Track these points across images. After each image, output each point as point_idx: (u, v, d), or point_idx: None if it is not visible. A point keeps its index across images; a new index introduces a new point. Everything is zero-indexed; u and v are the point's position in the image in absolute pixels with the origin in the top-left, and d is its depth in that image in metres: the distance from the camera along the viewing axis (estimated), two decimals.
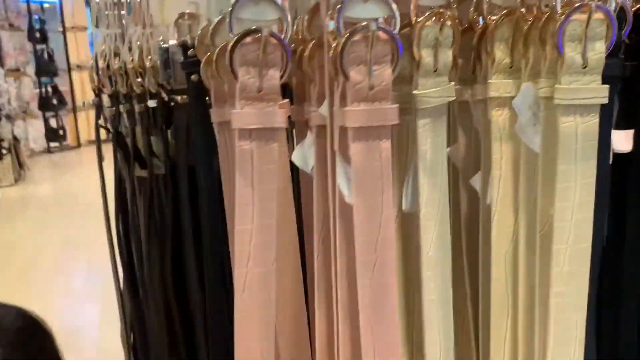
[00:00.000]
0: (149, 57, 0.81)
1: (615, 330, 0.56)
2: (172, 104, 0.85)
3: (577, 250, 0.46)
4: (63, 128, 7.55)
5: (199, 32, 0.56)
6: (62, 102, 7.48)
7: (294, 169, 0.57)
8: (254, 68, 0.42)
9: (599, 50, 0.43)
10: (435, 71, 0.48)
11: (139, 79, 0.83)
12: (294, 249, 0.55)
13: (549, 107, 0.46)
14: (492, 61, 0.49)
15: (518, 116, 0.47)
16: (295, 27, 0.49)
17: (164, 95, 0.85)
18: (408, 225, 0.53)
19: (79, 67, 7.72)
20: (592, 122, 0.45)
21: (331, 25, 0.43)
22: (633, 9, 0.47)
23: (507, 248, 0.52)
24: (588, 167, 0.45)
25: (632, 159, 0.54)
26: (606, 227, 0.54)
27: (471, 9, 0.51)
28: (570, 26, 0.42)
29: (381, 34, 0.42)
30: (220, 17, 0.53)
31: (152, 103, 0.84)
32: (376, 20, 0.42)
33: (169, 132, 0.88)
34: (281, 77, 0.44)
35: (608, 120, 0.46)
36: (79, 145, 7.72)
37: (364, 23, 0.42)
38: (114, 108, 0.83)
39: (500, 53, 0.48)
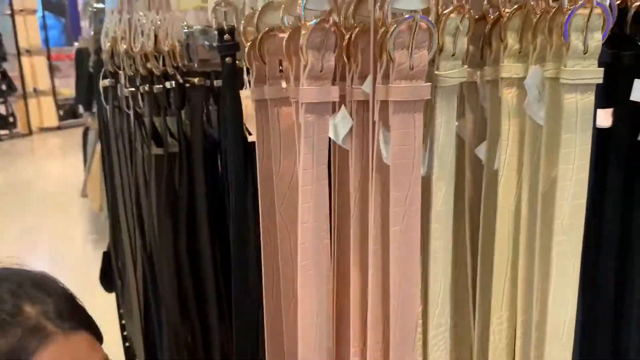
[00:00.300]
0: (167, 41, 0.86)
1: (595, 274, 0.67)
2: (188, 85, 0.91)
3: (576, 205, 0.56)
4: (13, 115, 7.31)
5: (244, 19, 0.62)
6: (11, 87, 7.24)
7: None
8: (318, 51, 0.50)
9: (597, 39, 0.52)
10: (453, 55, 0.56)
11: (155, 62, 0.88)
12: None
13: (554, 86, 0.55)
14: (505, 47, 0.58)
15: (528, 94, 0.56)
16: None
17: (178, 77, 0.91)
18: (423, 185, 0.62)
19: (29, 51, 7.48)
20: (589, 99, 0.54)
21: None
22: (620, 6, 0.57)
23: (512, 205, 0.62)
24: (585, 136, 0.55)
25: (611, 134, 0.64)
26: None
27: (485, 2, 0.59)
28: (575, 19, 0.51)
29: (422, 23, 0.50)
30: (265, 4, 0.60)
31: (168, 84, 0.90)
32: (418, 11, 0.50)
33: (182, 112, 0.93)
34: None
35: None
36: (30, 132, 7.49)
37: (408, 15, 0.50)
38: (133, 89, 0.88)
39: (512, 40, 0.57)
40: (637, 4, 0.57)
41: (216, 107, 0.94)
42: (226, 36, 0.70)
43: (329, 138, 0.59)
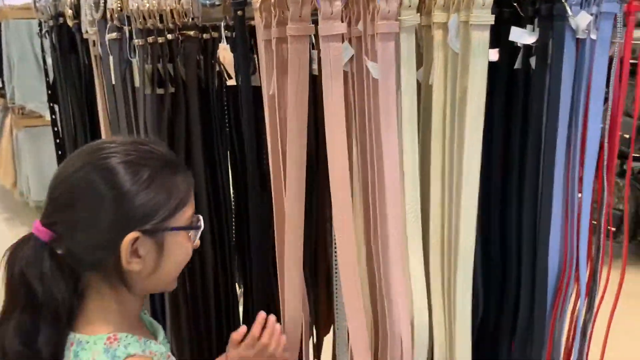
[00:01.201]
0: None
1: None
2: (183, 37, 1.16)
3: (479, 106, 0.92)
4: None
5: None
6: None
7: None
8: (329, 2, 0.81)
9: None
10: (409, 7, 0.90)
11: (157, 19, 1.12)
12: None
13: (465, 27, 0.90)
14: (434, 3, 0.92)
15: (449, 33, 0.91)
16: None
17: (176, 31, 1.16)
18: None
19: None
20: (486, 34, 0.90)
21: None
22: None
23: (441, 107, 0.97)
24: (484, 59, 0.91)
25: (498, 65, 1.01)
26: None
27: None
28: None
29: None
30: None
31: (170, 37, 1.14)
32: None
33: (178, 59, 1.18)
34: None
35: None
36: None
37: None
38: (143, 39, 1.11)
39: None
40: None
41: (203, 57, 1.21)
42: None
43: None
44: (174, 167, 0.88)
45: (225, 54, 1.26)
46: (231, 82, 1.26)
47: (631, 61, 1.04)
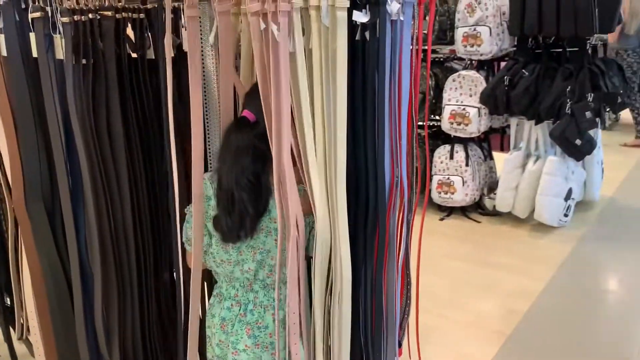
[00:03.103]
0: None
1: None
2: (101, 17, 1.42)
3: (343, 61, 1.39)
4: None
5: None
6: None
7: None
8: None
9: None
10: None
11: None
12: None
13: (332, 9, 1.36)
14: None
15: (322, 12, 1.36)
16: None
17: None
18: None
19: None
20: (345, 13, 1.37)
21: None
22: None
23: (320, 65, 1.41)
24: (344, 30, 1.38)
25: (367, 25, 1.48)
26: None
27: None
28: None
29: None
30: None
31: (91, 15, 1.39)
32: None
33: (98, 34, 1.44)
34: None
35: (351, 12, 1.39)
36: None
37: None
38: (65, 18, 1.35)
39: None
40: None
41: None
42: None
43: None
44: None
45: (128, 31, 1.54)
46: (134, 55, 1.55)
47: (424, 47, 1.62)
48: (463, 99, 4.36)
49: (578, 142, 3.94)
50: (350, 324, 1.60)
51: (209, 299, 1.69)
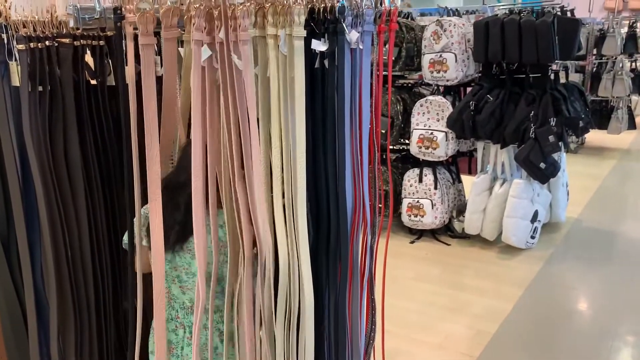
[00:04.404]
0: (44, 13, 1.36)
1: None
2: (58, 44, 1.42)
3: (300, 87, 1.41)
4: None
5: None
6: None
7: None
8: (200, 18, 1.21)
9: (301, 19, 1.37)
10: (253, 24, 1.34)
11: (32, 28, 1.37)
12: None
13: (289, 38, 1.39)
14: (267, 21, 1.38)
15: (280, 41, 1.38)
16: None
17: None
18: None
19: None
20: (301, 42, 1.40)
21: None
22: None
23: (276, 94, 1.43)
24: (301, 59, 1.40)
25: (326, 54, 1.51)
26: None
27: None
28: (295, 9, 1.35)
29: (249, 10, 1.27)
30: None
31: (48, 43, 1.38)
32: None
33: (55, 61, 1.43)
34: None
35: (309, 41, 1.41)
36: None
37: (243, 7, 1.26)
38: (21, 45, 1.35)
39: (270, 18, 1.38)
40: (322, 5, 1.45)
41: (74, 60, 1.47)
42: (118, 11, 1.30)
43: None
44: None
45: (87, 58, 1.53)
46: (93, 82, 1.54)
47: (385, 73, 1.65)
48: (431, 124, 4.43)
49: (542, 165, 4.03)
50: (313, 350, 1.59)
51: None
